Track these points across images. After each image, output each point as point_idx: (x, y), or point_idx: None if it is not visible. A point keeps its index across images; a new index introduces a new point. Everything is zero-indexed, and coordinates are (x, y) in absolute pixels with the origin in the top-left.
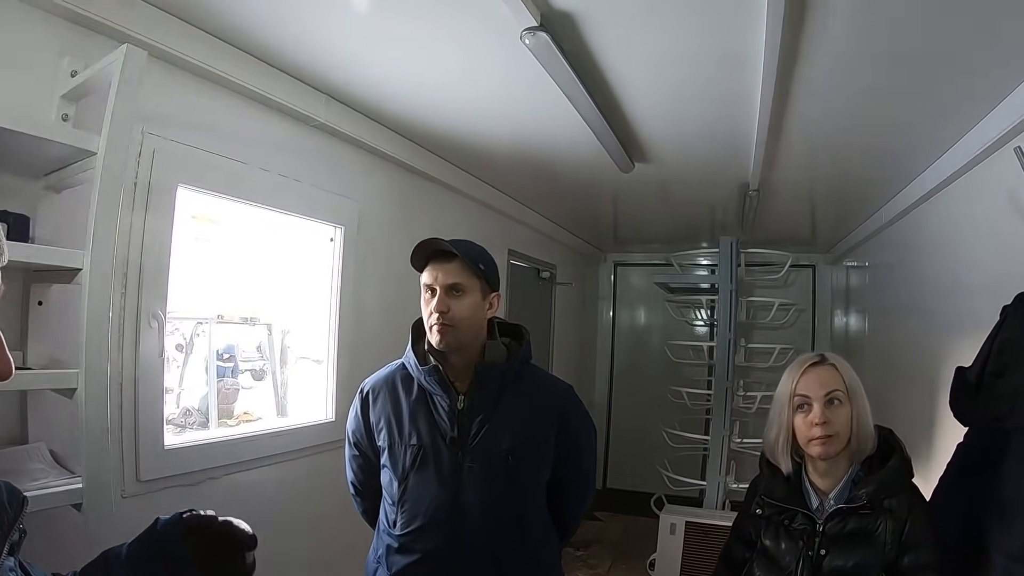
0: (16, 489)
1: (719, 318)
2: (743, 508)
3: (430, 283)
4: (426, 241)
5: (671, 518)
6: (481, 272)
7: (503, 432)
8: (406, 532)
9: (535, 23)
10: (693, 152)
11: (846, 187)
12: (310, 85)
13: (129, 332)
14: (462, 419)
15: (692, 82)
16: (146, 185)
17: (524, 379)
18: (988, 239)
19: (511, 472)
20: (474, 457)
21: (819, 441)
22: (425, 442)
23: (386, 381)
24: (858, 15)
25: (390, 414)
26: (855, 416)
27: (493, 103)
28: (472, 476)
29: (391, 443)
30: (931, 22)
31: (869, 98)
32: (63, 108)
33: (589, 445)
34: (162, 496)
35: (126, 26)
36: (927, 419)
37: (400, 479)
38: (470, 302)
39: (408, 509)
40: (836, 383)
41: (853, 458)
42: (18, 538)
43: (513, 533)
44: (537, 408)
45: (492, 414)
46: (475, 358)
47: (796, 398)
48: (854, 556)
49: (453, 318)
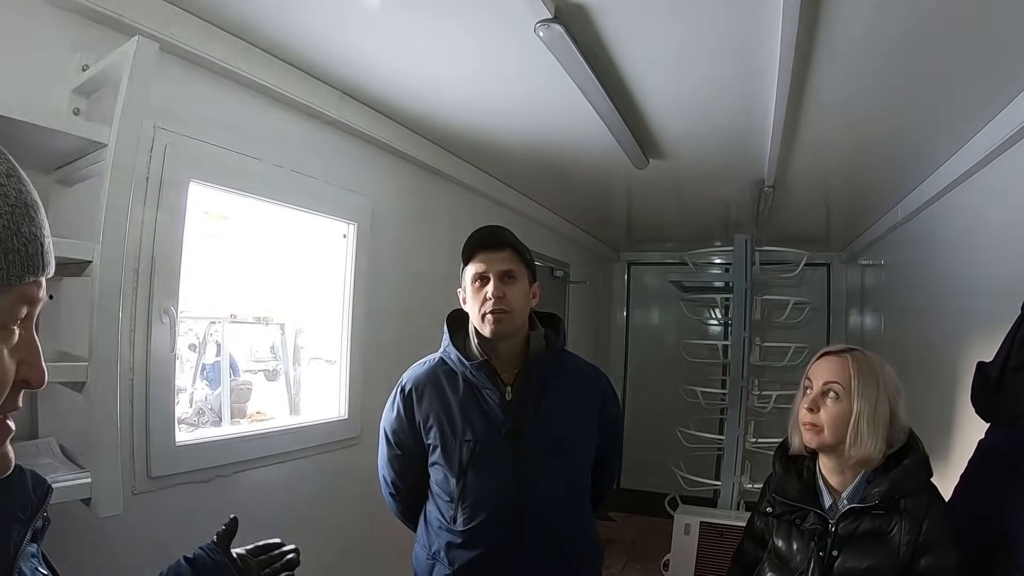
0: (41, 478)
1: (734, 316)
2: (756, 507)
3: (483, 271)
4: (479, 230)
5: (685, 518)
6: (528, 261)
7: (555, 420)
8: (469, 527)
9: (549, 15)
10: (708, 147)
11: (862, 183)
12: (323, 81)
13: (140, 328)
14: (513, 410)
15: (708, 75)
16: (158, 180)
17: (565, 366)
18: (1007, 235)
19: (566, 457)
20: (529, 447)
21: (806, 427)
22: (480, 437)
23: (429, 377)
24: (876, 2)
25: (439, 411)
26: (855, 414)
27: (507, 98)
28: (530, 465)
29: (443, 440)
30: (950, 7)
31: (887, 88)
32: (75, 102)
33: (619, 423)
34: (173, 493)
35: (138, 21)
36: (944, 418)
37: (458, 476)
38: (521, 289)
39: (470, 504)
40: (839, 376)
41: (857, 459)
42: (42, 525)
43: (569, 516)
44: (581, 394)
45: (541, 403)
46: (520, 349)
47: (804, 380)
48: (867, 558)
49: (509, 303)
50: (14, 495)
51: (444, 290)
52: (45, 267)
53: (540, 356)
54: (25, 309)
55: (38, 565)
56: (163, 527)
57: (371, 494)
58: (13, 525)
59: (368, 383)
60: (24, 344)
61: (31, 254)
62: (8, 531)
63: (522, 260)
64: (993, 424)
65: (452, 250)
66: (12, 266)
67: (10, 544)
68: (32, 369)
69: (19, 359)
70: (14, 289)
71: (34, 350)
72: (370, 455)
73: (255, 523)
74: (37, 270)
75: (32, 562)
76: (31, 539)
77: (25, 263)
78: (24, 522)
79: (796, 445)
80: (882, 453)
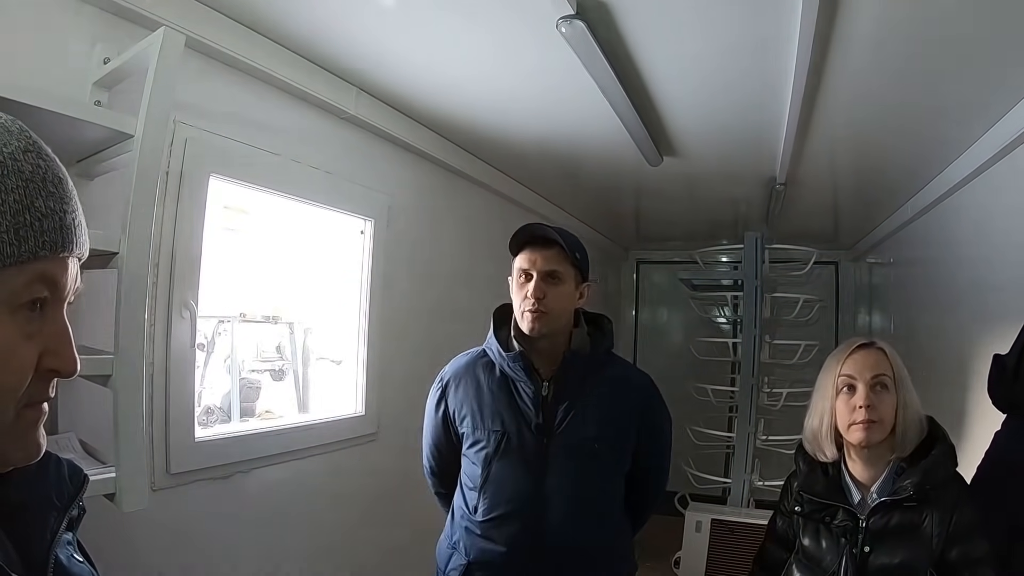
0: (78, 467)
1: (744, 314)
2: (778, 508)
3: (527, 268)
4: (529, 225)
5: (696, 516)
6: (577, 261)
7: (588, 420)
8: (488, 518)
9: (571, 11)
10: (722, 145)
11: (872, 179)
12: (341, 77)
13: (161, 322)
14: (547, 406)
15: (725, 72)
16: (178, 174)
17: (608, 368)
18: (1017, 231)
19: (595, 460)
20: (559, 444)
21: (861, 425)
22: (509, 428)
23: (467, 368)
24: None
25: (472, 400)
26: (901, 405)
27: (524, 95)
28: (556, 463)
29: (473, 429)
30: (966, 5)
31: (900, 84)
32: (96, 95)
33: (667, 437)
34: (192, 489)
35: (159, 14)
36: (958, 412)
37: (483, 465)
38: (565, 290)
39: (491, 495)
40: (884, 367)
41: (896, 449)
42: (77, 514)
43: (593, 522)
44: (621, 397)
45: (577, 402)
46: (562, 346)
47: (841, 379)
48: (900, 552)
49: (548, 304)
50: (51, 483)
51: (460, 286)
52: (66, 245)
53: (580, 354)
54: (45, 291)
55: (73, 553)
56: (183, 524)
57: (388, 490)
58: (49, 513)
59: (384, 379)
60: (51, 330)
61: (46, 229)
62: (45, 519)
63: (570, 260)
64: (1010, 415)
65: (466, 247)
66: (24, 242)
67: (47, 532)
68: (59, 358)
69: (44, 347)
70: (28, 267)
71: (63, 338)
72: (387, 451)
73: (274, 521)
74: (55, 247)
75: (68, 550)
76: (67, 527)
77: (39, 239)
78: (60, 510)
79: (831, 454)
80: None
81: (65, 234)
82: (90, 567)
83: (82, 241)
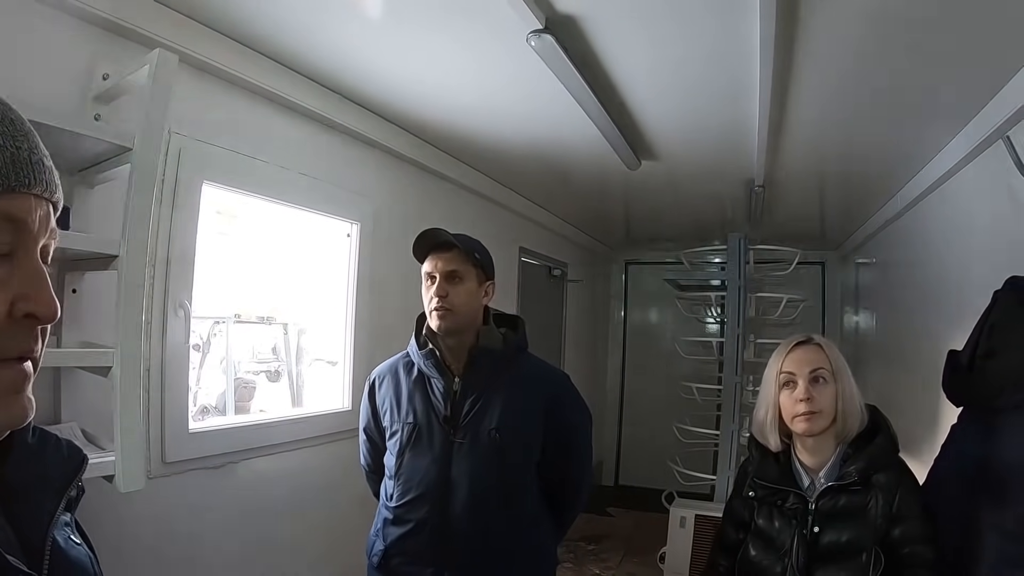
0: (76, 447)
1: (728, 314)
2: (734, 492)
3: (431, 271)
4: (426, 232)
5: (681, 512)
6: (477, 261)
7: (492, 411)
8: (400, 504)
9: (540, 26)
10: (698, 148)
11: (851, 181)
12: (325, 87)
13: (157, 321)
14: (456, 399)
15: (694, 80)
16: (173, 181)
17: (522, 366)
18: (991, 232)
19: (498, 449)
20: (463, 434)
21: (803, 417)
22: (420, 420)
23: (391, 368)
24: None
25: (392, 396)
26: (840, 395)
27: (502, 104)
28: (461, 452)
29: (392, 422)
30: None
31: (869, 90)
32: (95, 109)
33: (582, 429)
34: (186, 478)
35: (155, 32)
36: (932, 412)
37: (397, 455)
38: (467, 288)
39: (403, 482)
40: (821, 362)
41: (840, 437)
42: (76, 495)
43: (499, 509)
44: (527, 390)
45: (483, 395)
46: (471, 343)
47: (782, 375)
48: (847, 532)
49: (452, 302)
50: (49, 464)
51: None
52: (21, 179)
53: (488, 350)
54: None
55: (71, 534)
56: (177, 510)
57: None
58: (47, 493)
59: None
60: (23, 274)
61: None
62: (42, 499)
63: (470, 261)
64: (965, 410)
65: None
66: None
67: (44, 512)
68: (33, 302)
69: (15, 292)
70: None
71: (37, 281)
72: None
73: (264, 509)
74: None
75: (65, 531)
76: (65, 508)
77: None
78: (59, 491)
79: (775, 443)
80: (863, 425)
81: (20, 168)
82: (87, 549)
83: (47, 180)
